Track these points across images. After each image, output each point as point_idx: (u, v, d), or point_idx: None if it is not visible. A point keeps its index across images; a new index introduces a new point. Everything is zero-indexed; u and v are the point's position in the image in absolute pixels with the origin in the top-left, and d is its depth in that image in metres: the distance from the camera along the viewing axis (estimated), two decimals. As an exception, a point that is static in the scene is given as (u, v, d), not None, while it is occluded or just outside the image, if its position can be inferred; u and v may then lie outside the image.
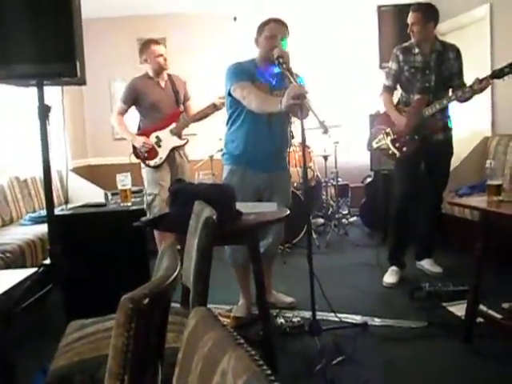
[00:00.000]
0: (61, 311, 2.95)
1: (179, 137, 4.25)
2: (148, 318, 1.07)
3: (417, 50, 3.61)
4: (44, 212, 3.46)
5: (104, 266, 2.88)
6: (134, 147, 4.17)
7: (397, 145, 3.73)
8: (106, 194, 3.32)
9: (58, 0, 2.61)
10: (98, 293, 2.70)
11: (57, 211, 3.08)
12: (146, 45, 4.20)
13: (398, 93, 3.92)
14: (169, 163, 4.22)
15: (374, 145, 3.93)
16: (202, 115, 4.16)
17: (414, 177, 3.76)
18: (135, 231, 2.79)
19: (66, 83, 2.89)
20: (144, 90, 4.15)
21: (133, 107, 4.25)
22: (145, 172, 4.23)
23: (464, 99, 3.43)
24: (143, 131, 4.22)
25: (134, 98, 4.16)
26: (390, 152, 3.78)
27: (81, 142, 6.37)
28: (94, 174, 6.16)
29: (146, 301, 1.04)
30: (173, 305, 1.79)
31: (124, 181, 3.14)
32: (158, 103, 4.16)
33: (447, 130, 3.74)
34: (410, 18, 3.57)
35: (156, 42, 4.21)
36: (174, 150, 4.22)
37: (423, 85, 3.62)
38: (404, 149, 3.70)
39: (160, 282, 1.17)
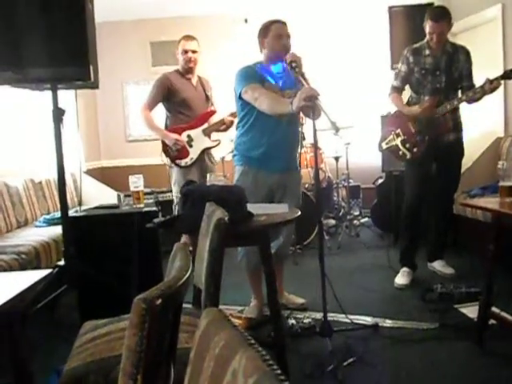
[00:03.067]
0: (75, 312, 2.99)
1: (210, 138, 4.06)
2: (161, 319, 1.09)
3: (427, 52, 3.60)
4: (58, 214, 3.49)
5: (117, 267, 2.91)
6: (165, 145, 3.95)
7: (407, 145, 3.72)
8: (118, 196, 3.35)
9: (72, 4, 2.65)
10: (112, 294, 2.74)
11: (71, 213, 3.13)
12: (178, 41, 4.03)
13: (406, 94, 3.91)
14: (199, 165, 4.01)
15: (384, 145, 3.93)
16: (213, 129, 4.05)
17: (426, 178, 3.75)
18: (148, 232, 2.82)
19: (80, 87, 2.94)
20: (176, 85, 3.96)
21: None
22: (174, 172, 4.01)
23: (473, 100, 3.43)
24: (174, 128, 3.99)
25: (165, 93, 3.94)
26: (401, 153, 3.77)
27: (94, 145, 6.44)
28: (106, 175, 6.22)
29: (159, 301, 1.05)
30: (185, 305, 1.81)
31: (136, 182, 3.17)
32: (189, 100, 3.98)
33: (458, 130, 3.73)
34: (437, 28, 3.46)
35: (187, 37, 4.01)
36: (204, 151, 4.04)
37: (434, 86, 3.62)
38: (414, 149, 3.69)
39: (172, 282, 1.19)
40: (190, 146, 3.96)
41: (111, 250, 2.97)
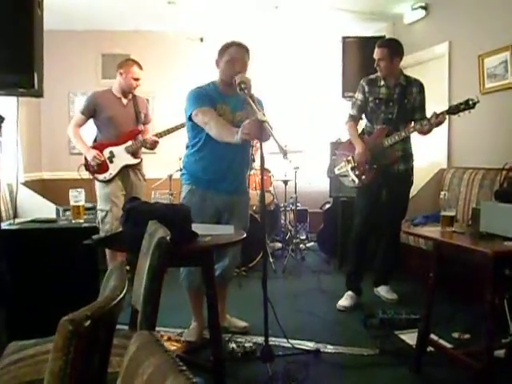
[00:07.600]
0: (2, 331, 2.81)
1: (134, 155, 4.16)
2: (89, 341, 1.02)
3: (382, 83, 3.75)
4: (-10, 226, 3.30)
5: (52, 284, 2.77)
6: (86, 159, 4.09)
7: (356, 173, 3.82)
8: (57, 210, 3.21)
9: (20, 9, 2.55)
10: (45, 312, 2.59)
11: (4, 225, 2.96)
12: (127, 62, 4.15)
13: (362, 123, 4.01)
14: (122, 180, 4.13)
15: (336, 171, 4.03)
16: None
17: (375, 205, 3.84)
18: (86, 249, 2.70)
19: (22, 94, 2.81)
20: (103, 103, 4.08)
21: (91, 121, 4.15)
22: (97, 187, 4.14)
23: (424, 132, 3.53)
24: (98, 145, 4.13)
25: (93, 109, 4.08)
26: (350, 179, 3.87)
27: (35, 155, 6.17)
28: (47, 188, 5.96)
29: (88, 323, 0.99)
30: (121, 327, 1.73)
31: (77, 197, 3.04)
32: (115, 118, 4.08)
33: (408, 161, 3.84)
34: (377, 54, 3.68)
35: (139, 65, 4.17)
36: (126, 167, 4.14)
37: (386, 116, 3.74)
38: (363, 177, 3.79)
39: (104, 303, 1.12)
40: (111, 162, 4.09)
41: (46, 267, 2.82)
